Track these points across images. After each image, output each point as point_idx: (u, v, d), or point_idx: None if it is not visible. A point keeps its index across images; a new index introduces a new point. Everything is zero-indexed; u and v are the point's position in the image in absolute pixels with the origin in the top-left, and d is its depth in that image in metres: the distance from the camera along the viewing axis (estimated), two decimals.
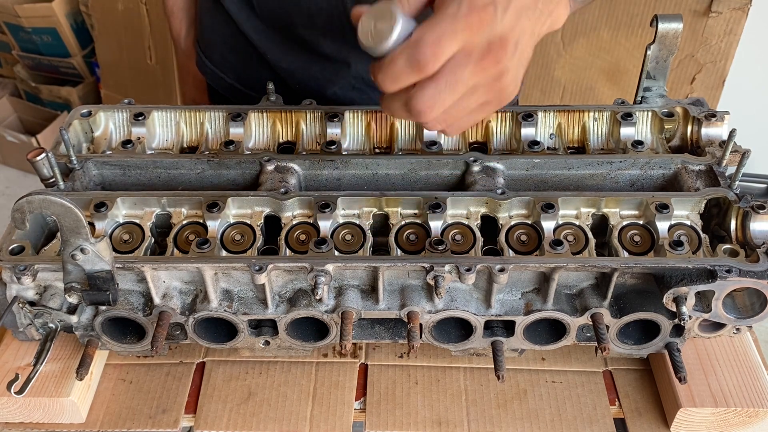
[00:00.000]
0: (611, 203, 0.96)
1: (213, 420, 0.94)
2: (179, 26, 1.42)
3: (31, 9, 3.17)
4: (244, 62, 1.28)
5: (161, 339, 0.89)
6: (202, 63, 1.35)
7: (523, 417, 0.95)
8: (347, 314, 0.90)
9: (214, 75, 1.33)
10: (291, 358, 1.01)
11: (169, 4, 1.40)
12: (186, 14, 1.41)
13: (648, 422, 0.95)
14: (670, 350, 0.92)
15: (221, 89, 1.34)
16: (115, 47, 2.97)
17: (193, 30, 1.41)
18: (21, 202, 0.77)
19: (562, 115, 1.09)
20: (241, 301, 0.92)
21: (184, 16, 1.41)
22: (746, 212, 0.92)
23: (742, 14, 2.20)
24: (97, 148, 1.08)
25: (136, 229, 0.96)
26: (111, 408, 0.96)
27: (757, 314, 0.90)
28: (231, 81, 1.32)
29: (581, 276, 0.92)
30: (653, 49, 1.04)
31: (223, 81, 1.33)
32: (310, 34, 1.18)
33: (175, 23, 1.42)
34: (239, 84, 1.31)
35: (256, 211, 0.97)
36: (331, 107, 1.09)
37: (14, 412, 0.94)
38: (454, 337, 0.95)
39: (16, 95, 3.64)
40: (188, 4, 1.39)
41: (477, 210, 0.96)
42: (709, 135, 1.06)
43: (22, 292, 0.90)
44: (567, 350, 1.01)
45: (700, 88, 2.36)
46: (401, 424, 0.94)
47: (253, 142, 1.10)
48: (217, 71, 1.32)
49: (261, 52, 1.24)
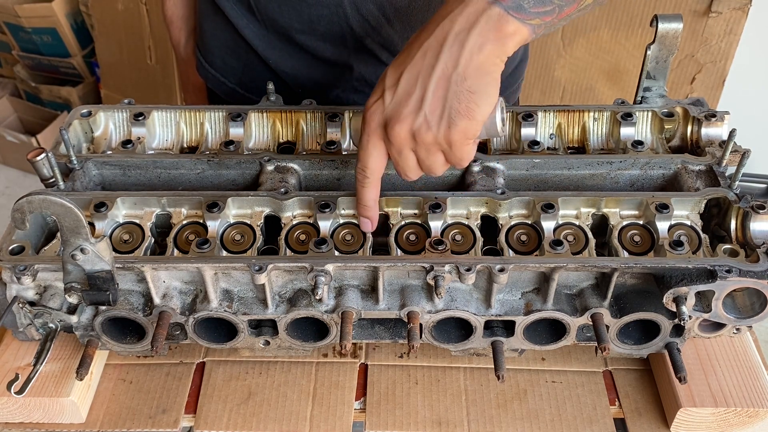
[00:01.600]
0: (611, 203, 0.96)
1: (213, 420, 0.94)
2: (179, 35, 1.42)
3: (31, 9, 3.17)
4: (245, 66, 1.28)
5: (161, 339, 0.89)
6: (203, 68, 1.35)
7: (523, 417, 0.95)
8: (347, 314, 0.90)
9: (216, 80, 1.33)
10: (291, 358, 1.01)
11: (169, 13, 1.40)
12: (185, 23, 1.40)
13: (648, 422, 0.95)
14: (670, 350, 0.92)
15: (223, 94, 1.34)
16: (115, 47, 2.97)
17: (192, 38, 1.41)
18: (21, 202, 0.77)
19: (562, 115, 1.09)
20: (241, 301, 0.92)
21: (183, 25, 1.41)
22: (746, 212, 0.92)
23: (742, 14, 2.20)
24: (97, 148, 1.08)
25: (136, 229, 0.96)
26: (111, 408, 0.96)
27: (757, 314, 0.90)
28: (232, 85, 1.32)
29: (581, 276, 0.92)
30: (653, 49, 1.04)
31: (225, 86, 1.32)
32: (310, 40, 1.18)
33: (175, 32, 1.42)
34: (241, 88, 1.31)
35: (256, 211, 0.97)
36: (331, 107, 1.09)
37: (14, 412, 0.94)
38: (454, 337, 0.95)
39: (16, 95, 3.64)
40: (187, 12, 1.39)
41: (477, 210, 0.96)
42: (709, 135, 1.06)
43: (22, 292, 0.90)
44: (567, 350, 1.01)
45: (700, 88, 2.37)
46: (401, 424, 0.94)
47: (253, 142, 1.10)
48: (219, 76, 1.32)
49: (262, 56, 1.24)
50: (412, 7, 1.13)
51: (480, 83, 0.79)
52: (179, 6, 1.39)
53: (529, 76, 2.41)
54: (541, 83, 2.44)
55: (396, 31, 1.15)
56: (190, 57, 1.43)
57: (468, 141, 0.82)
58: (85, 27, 3.26)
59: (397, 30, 1.15)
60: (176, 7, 1.39)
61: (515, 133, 1.08)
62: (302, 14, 1.15)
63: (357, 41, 1.17)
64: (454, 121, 0.79)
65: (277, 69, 1.24)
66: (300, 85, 1.25)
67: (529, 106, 1.09)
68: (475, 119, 0.80)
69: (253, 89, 1.30)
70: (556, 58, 2.36)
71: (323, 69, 1.22)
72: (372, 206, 0.91)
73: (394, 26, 1.15)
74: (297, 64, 1.23)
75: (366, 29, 1.15)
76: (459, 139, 0.81)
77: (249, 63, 1.27)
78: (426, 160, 0.84)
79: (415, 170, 0.87)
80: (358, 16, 1.13)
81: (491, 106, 0.81)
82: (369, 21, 1.14)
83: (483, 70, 0.78)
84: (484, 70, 0.78)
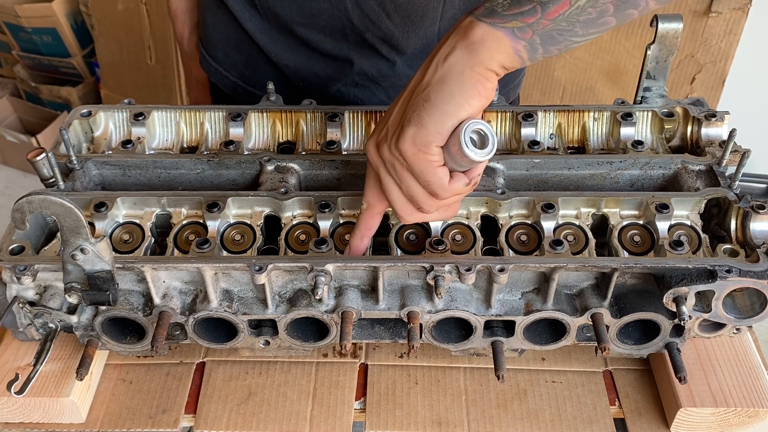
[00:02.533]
0: (611, 203, 0.96)
1: (213, 420, 0.94)
2: (182, 29, 1.43)
3: (31, 9, 3.17)
4: (247, 60, 1.29)
5: (161, 339, 0.89)
6: (205, 62, 1.35)
7: (523, 417, 0.95)
8: (347, 314, 0.90)
9: (218, 73, 1.34)
10: (291, 358, 1.01)
11: (173, 6, 1.41)
12: (189, 17, 1.41)
13: (648, 422, 0.95)
14: (670, 350, 0.92)
15: (225, 87, 1.35)
16: (115, 47, 2.97)
17: (196, 32, 1.42)
18: (21, 202, 0.77)
19: (562, 115, 1.09)
20: (241, 301, 0.92)
21: (187, 19, 1.41)
22: (746, 212, 0.92)
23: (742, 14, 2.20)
24: (97, 148, 1.08)
25: (136, 229, 0.96)
26: (111, 408, 0.96)
27: (757, 314, 0.90)
28: (235, 79, 1.32)
29: (581, 276, 0.92)
30: (653, 49, 1.04)
31: (227, 79, 1.33)
32: (311, 33, 1.18)
33: (179, 26, 1.43)
34: (243, 82, 1.32)
35: (256, 211, 0.97)
36: (331, 107, 1.09)
37: (14, 412, 0.94)
38: (454, 337, 0.95)
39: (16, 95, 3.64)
40: (191, 6, 1.40)
41: (477, 210, 0.96)
42: (709, 135, 1.06)
43: (22, 292, 0.90)
44: (567, 350, 1.01)
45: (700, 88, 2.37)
46: (401, 424, 0.94)
47: (253, 142, 1.10)
48: (221, 69, 1.33)
49: (264, 50, 1.24)
50: (412, 1, 1.13)
51: (438, 92, 0.75)
52: None
53: (529, 76, 2.41)
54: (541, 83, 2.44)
55: (396, 25, 1.16)
56: (193, 51, 1.44)
57: (418, 151, 0.76)
58: (85, 27, 3.26)
59: (397, 24, 1.16)
60: (180, 0, 1.40)
61: (515, 133, 1.09)
62: (303, 8, 1.16)
63: (357, 35, 1.17)
64: (403, 129, 0.77)
65: (278, 62, 1.25)
66: (301, 79, 1.26)
67: (529, 106, 1.09)
68: (424, 127, 0.75)
69: (255, 83, 1.30)
70: (556, 58, 2.36)
71: (324, 63, 1.23)
72: (359, 234, 0.89)
73: (393, 20, 1.15)
74: (298, 57, 1.23)
75: (366, 23, 1.15)
76: (409, 149, 0.76)
77: (251, 56, 1.28)
78: (402, 186, 0.81)
79: (402, 203, 0.83)
80: (358, 11, 1.14)
81: (447, 117, 0.75)
82: (369, 15, 1.14)
83: (444, 79, 0.75)
84: (444, 79, 0.75)
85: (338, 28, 1.17)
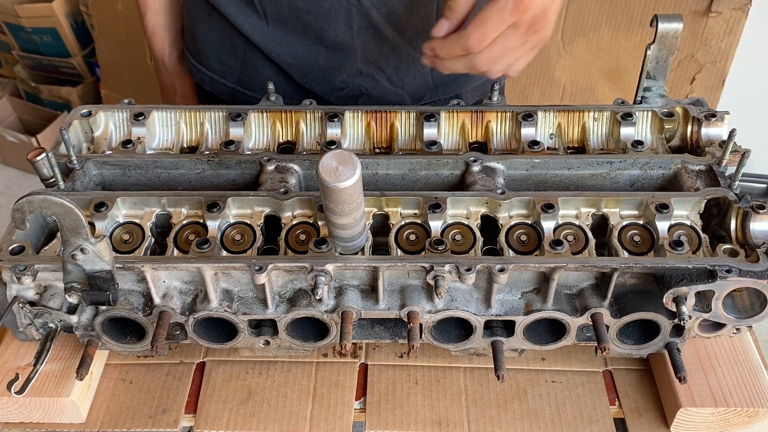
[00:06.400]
0: (611, 203, 0.96)
1: (213, 420, 0.94)
2: (162, 46, 1.39)
3: (31, 9, 3.17)
4: (244, 64, 1.28)
5: (161, 339, 0.89)
6: (198, 72, 1.34)
7: (523, 417, 0.95)
8: (347, 314, 0.90)
9: (214, 81, 1.33)
10: (291, 358, 1.01)
11: (150, 24, 1.37)
12: (168, 32, 1.38)
13: (648, 422, 0.95)
14: (670, 350, 0.92)
15: (222, 95, 1.33)
16: (115, 47, 2.97)
17: (176, 46, 1.40)
18: (21, 202, 0.77)
19: (562, 115, 1.09)
20: (241, 301, 0.92)
21: (166, 35, 1.38)
22: (746, 212, 0.92)
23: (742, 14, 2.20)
24: (97, 148, 1.08)
25: (136, 229, 0.96)
26: (111, 408, 0.96)
27: (757, 314, 0.90)
28: (232, 85, 1.31)
29: (581, 276, 0.92)
30: (653, 49, 1.04)
31: (224, 86, 1.32)
32: (315, 18, 1.17)
33: (158, 43, 1.39)
34: (240, 87, 1.31)
35: (256, 211, 0.97)
36: (331, 107, 1.09)
37: (14, 412, 0.94)
38: (454, 337, 0.95)
39: (16, 95, 3.64)
40: (169, 21, 1.37)
41: (477, 210, 0.96)
42: (709, 135, 1.06)
43: (22, 292, 0.90)
44: (567, 350, 1.01)
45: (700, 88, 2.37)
46: (401, 424, 0.94)
47: (253, 142, 1.10)
48: (216, 77, 1.32)
49: (263, 50, 1.24)
50: None
51: None
52: (161, 14, 1.36)
53: (530, 76, 2.41)
54: (541, 83, 2.44)
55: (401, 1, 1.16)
56: (175, 66, 1.41)
57: None
58: (85, 27, 3.26)
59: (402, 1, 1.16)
60: (158, 16, 1.36)
61: (515, 133, 1.09)
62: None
63: (363, 16, 1.17)
64: None
65: (278, 61, 1.24)
66: (303, 75, 1.25)
67: (529, 106, 1.09)
68: None
69: (253, 86, 1.29)
70: (556, 58, 2.36)
71: (327, 54, 1.22)
72: None
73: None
74: (299, 52, 1.22)
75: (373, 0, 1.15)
76: None
77: (248, 60, 1.27)
78: None
79: None
80: None
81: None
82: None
83: None
84: None
85: (343, 12, 1.16)
